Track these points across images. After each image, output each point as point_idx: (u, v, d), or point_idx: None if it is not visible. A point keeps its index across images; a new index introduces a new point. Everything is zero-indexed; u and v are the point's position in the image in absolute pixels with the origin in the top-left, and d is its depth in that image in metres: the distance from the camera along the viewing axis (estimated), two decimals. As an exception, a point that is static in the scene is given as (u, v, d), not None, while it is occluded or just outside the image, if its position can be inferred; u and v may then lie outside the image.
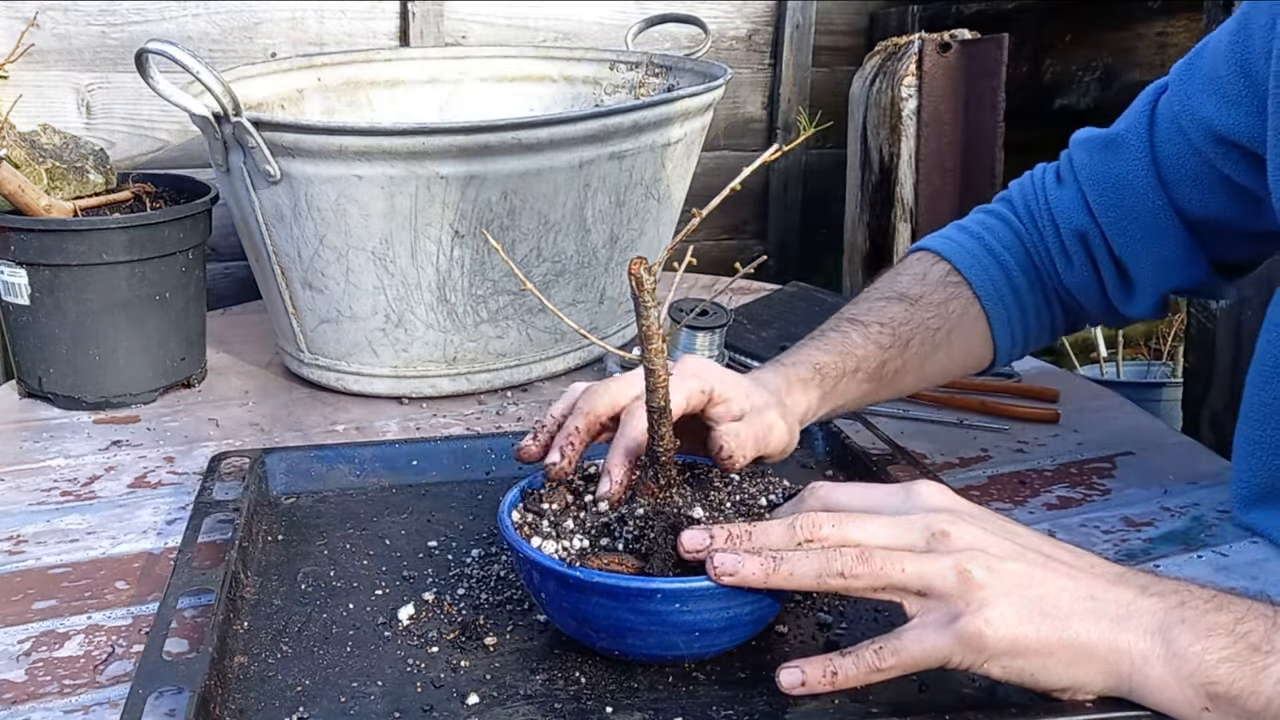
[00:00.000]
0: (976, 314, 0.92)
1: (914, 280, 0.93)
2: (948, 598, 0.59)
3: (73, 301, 1.06)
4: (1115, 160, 0.89)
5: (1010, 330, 0.93)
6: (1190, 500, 0.93)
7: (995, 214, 0.97)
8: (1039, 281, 0.94)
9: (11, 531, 0.87)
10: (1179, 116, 0.86)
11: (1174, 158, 0.86)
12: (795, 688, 0.61)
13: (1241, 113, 0.81)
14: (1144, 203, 0.88)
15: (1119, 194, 0.89)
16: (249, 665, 0.67)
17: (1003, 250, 0.94)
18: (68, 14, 1.48)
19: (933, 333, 0.90)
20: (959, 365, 0.94)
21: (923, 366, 0.90)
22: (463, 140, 1.01)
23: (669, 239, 1.28)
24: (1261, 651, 0.57)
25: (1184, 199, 0.87)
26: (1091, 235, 0.91)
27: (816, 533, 0.62)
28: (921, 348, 0.89)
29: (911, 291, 0.92)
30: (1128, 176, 0.88)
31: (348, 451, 0.92)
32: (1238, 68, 0.81)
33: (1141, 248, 0.89)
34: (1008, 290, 0.93)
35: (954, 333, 0.91)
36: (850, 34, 1.97)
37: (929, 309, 0.90)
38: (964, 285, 0.92)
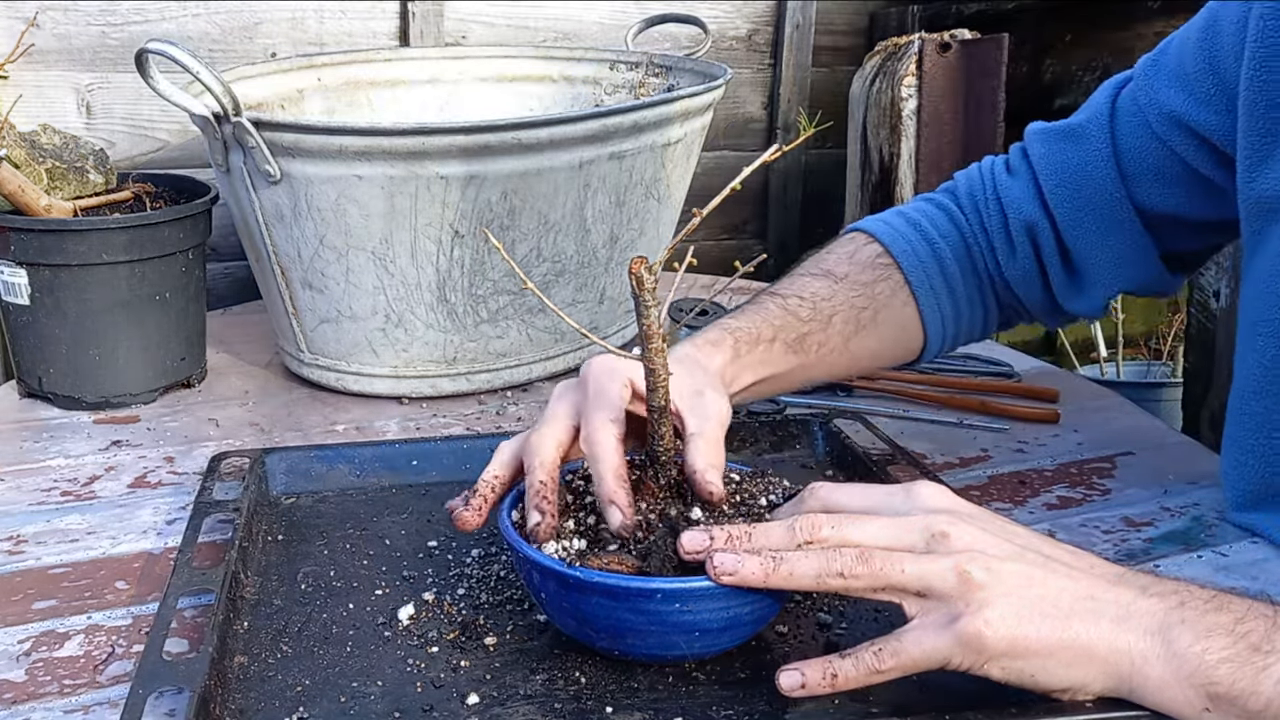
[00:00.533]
0: (905, 299, 0.90)
1: (841, 259, 0.91)
2: (947, 599, 0.59)
3: (73, 301, 1.06)
4: (1075, 151, 0.89)
5: (941, 318, 0.92)
6: (1190, 500, 0.93)
7: (936, 202, 0.96)
8: (974, 272, 0.93)
9: (11, 531, 0.87)
10: (1144, 109, 0.85)
11: (1136, 150, 0.86)
12: (795, 690, 0.61)
13: (1210, 111, 0.81)
14: (1102, 194, 0.87)
15: (1077, 185, 0.88)
16: (249, 665, 0.67)
17: (938, 238, 0.92)
18: (68, 14, 1.48)
19: (858, 312, 0.88)
20: (888, 349, 0.92)
21: (848, 346, 0.88)
22: (463, 140, 1.01)
23: (669, 239, 1.28)
24: (1262, 651, 0.57)
25: (1143, 192, 0.86)
26: (1040, 227, 0.90)
27: (816, 534, 0.62)
28: (846, 326, 0.87)
29: (837, 269, 0.90)
30: (1087, 168, 0.88)
31: (348, 451, 0.92)
32: (1206, 65, 0.81)
33: (1096, 240, 0.88)
34: (939, 278, 0.91)
35: (881, 314, 0.89)
36: (850, 34, 1.97)
37: (855, 288, 0.89)
38: (894, 268, 0.91)
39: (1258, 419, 0.81)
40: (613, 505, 0.66)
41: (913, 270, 0.91)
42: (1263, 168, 0.78)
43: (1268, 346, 0.80)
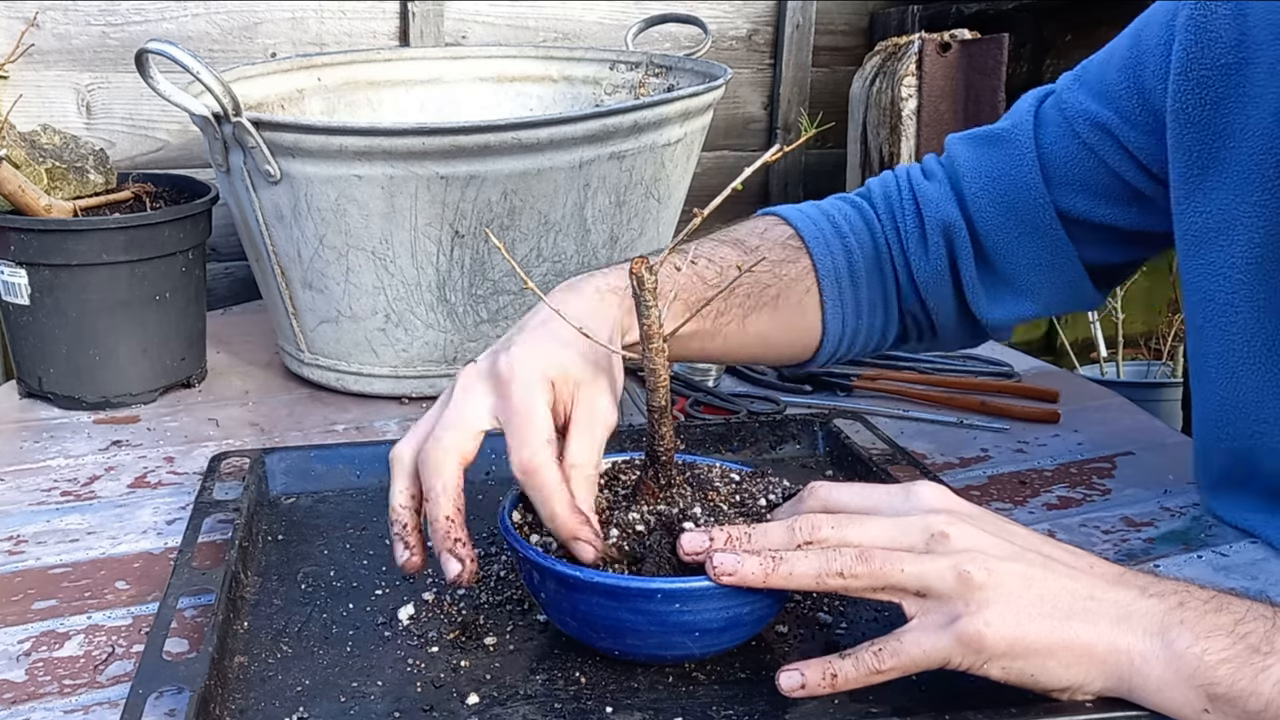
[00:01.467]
0: (809, 287, 0.88)
1: (752, 233, 0.88)
2: (947, 599, 0.59)
3: (73, 301, 1.06)
4: (999, 155, 0.88)
5: (842, 315, 0.89)
6: (1190, 500, 0.93)
7: (850, 202, 0.94)
8: (879, 275, 0.90)
9: (11, 531, 0.87)
10: (1070, 119, 0.85)
11: (1062, 157, 0.85)
12: (795, 690, 0.61)
13: (1139, 132, 0.81)
14: (1025, 199, 0.86)
15: (1000, 189, 0.87)
16: (249, 665, 0.67)
17: (850, 233, 0.90)
18: (68, 14, 1.48)
19: (762, 288, 0.85)
20: (782, 335, 0.88)
21: (745, 321, 0.84)
22: (463, 140, 1.01)
23: (669, 239, 1.28)
24: (1261, 652, 0.57)
25: (1068, 199, 0.85)
26: (956, 227, 0.88)
27: (816, 534, 0.62)
28: (747, 300, 0.83)
29: (748, 241, 0.87)
30: (1011, 172, 0.87)
31: (348, 451, 0.92)
32: (1132, 86, 0.81)
33: (1016, 245, 0.87)
34: (846, 272, 0.88)
35: (783, 297, 0.86)
36: (850, 34, 1.97)
37: (764, 264, 0.85)
38: (804, 254, 0.88)
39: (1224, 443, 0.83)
40: (578, 541, 0.63)
41: (822, 258, 0.88)
42: (1192, 199, 0.78)
43: (1220, 379, 0.80)
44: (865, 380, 1.18)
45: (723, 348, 0.85)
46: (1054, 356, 2.27)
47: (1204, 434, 0.85)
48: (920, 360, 1.23)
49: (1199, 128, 0.77)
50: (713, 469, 0.74)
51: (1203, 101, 0.76)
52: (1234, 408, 0.80)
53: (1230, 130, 0.76)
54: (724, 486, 0.71)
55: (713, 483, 0.72)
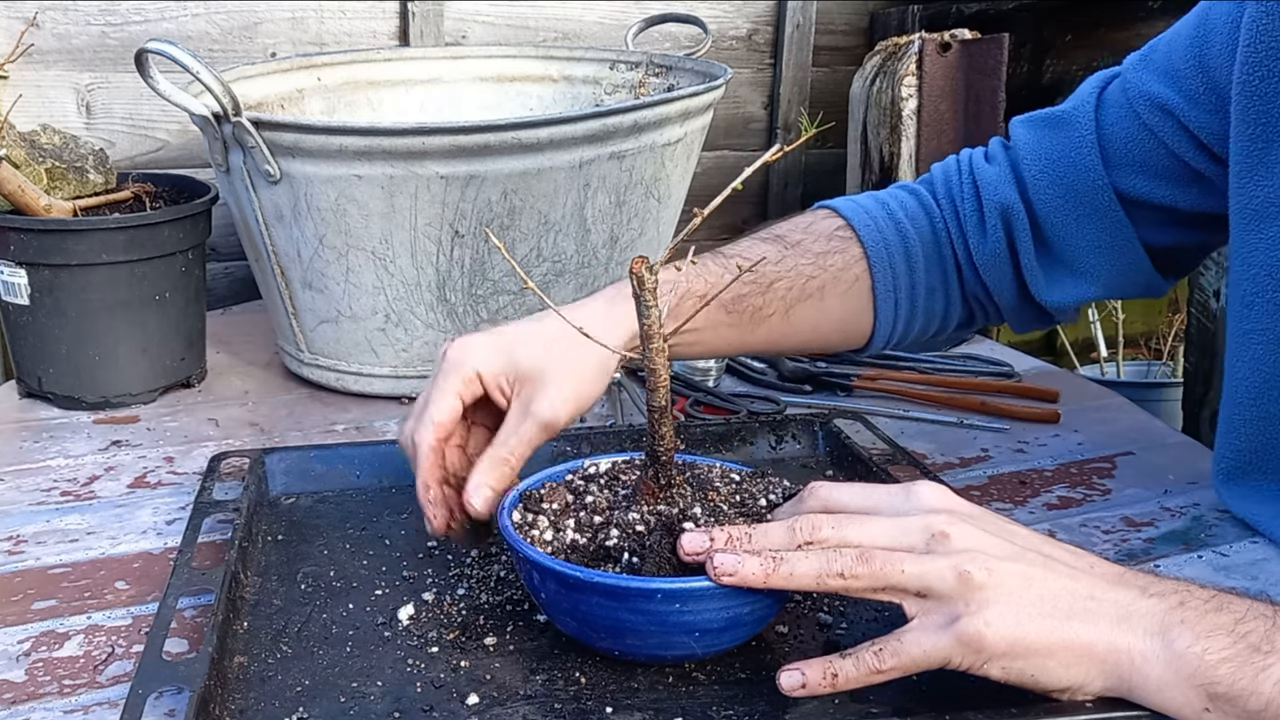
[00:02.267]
0: (859, 274, 0.88)
1: (796, 227, 0.89)
2: (947, 599, 0.59)
3: (73, 301, 1.06)
4: (1059, 136, 0.88)
5: (895, 301, 0.89)
6: (1190, 500, 0.93)
7: (909, 189, 0.95)
8: (939, 259, 0.90)
9: (11, 531, 0.87)
10: (1133, 100, 0.85)
11: (1122, 138, 0.85)
12: (795, 689, 0.61)
13: (1201, 110, 0.81)
14: (1084, 180, 0.86)
15: (1060, 170, 0.87)
16: (249, 665, 0.67)
17: (906, 219, 0.90)
18: (68, 14, 1.48)
19: (805, 280, 0.85)
20: (831, 324, 0.88)
21: (789, 314, 0.85)
22: (463, 140, 1.01)
23: (669, 239, 1.28)
24: (1261, 652, 0.57)
25: (1127, 180, 0.85)
26: (1014, 210, 0.88)
27: (816, 534, 0.62)
28: (789, 293, 0.84)
29: (790, 236, 0.88)
30: (1071, 154, 0.87)
31: (348, 451, 0.92)
32: (1197, 65, 0.81)
33: (1075, 227, 0.87)
34: (901, 258, 0.89)
35: (828, 287, 0.86)
36: (850, 34, 1.97)
37: (805, 256, 0.86)
38: (853, 241, 0.88)
39: (1253, 424, 0.82)
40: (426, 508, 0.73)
41: (873, 245, 0.88)
42: (1255, 173, 0.78)
43: (1265, 355, 0.80)
44: (865, 380, 1.18)
45: (767, 339, 0.86)
46: (1054, 356, 2.27)
47: (1232, 415, 0.84)
48: (920, 360, 1.23)
49: (1265, 101, 0.76)
50: (713, 469, 0.74)
51: (1269, 75, 0.76)
52: (1273, 385, 0.80)
53: None
54: (724, 486, 0.71)
55: (713, 483, 0.72)
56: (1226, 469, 0.87)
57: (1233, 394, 0.84)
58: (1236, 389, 0.83)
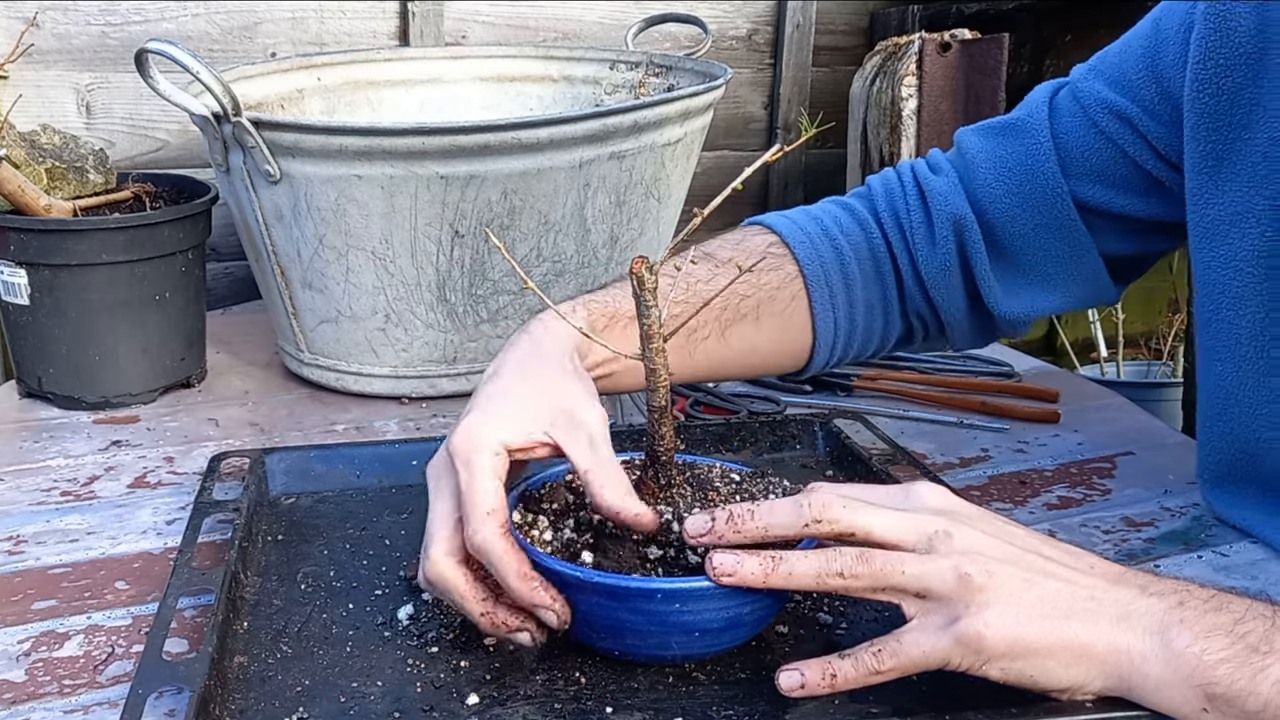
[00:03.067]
0: (795, 293, 0.86)
1: (727, 245, 0.87)
2: (946, 600, 0.59)
3: (73, 301, 1.06)
4: (1014, 144, 0.87)
5: (834, 320, 0.87)
6: (1190, 500, 0.93)
7: (841, 204, 0.92)
8: (877, 275, 0.89)
9: (11, 531, 0.87)
10: (1086, 107, 0.84)
11: (1079, 146, 0.84)
12: (794, 690, 0.61)
13: (1156, 121, 0.81)
14: (1042, 189, 0.85)
15: (1017, 179, 0.86)
16: (249, 665, 0.67)
17: (840, 235, 0.88)
18: (68, 14, 1.48)
19: (739, 299, 0.83)
20: (769, 344, 0.86)
21: (725, 335, 0.83)
22: (463, 140, 1.01)
23: (669, 239, 1.28)
24: (1260, 652, 0.57)
25: (1085, 189, 0.84)
26: (967, 222, 0.86)
27: (827, 513, 0.62)
28: (724, 313, 0.82)
29: (720, 254, 0.85)
30: (1027, 162, 0.86)
31: (348, 451, 0.92)
32: (1150, 74, 0.81)
33: (1034, 236, 0.86)
34: (838, 275, 0.87)
35: (764, 305, 0.84)
36: (850, 34, 1.97)
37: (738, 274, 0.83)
38: (788, 259, 0.87)
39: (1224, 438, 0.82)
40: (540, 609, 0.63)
41: (808, 262, 0.86)
42: (1206, 192, 0.78)
43: (1227, 372, 0.80)
44: (865, 380, 1.18)
45: (706, 363, 0.84)
46: (1054, 356, 2.27)
47: (1206, 429, 0.85)
48: (920, 360, 1.23)
49: (1215, 118, 0.76)
50: (713, 469, 0.74)
51: (1220, 91, 0.76)
52: (1237, 403, 0.80)
53: (1247, 122, 0.75)
54: (724, 486, 0.71)
55: (713, 483, 0.72)
56: (1210, 476, 0.87)
57: (1204, 408, 0.84)
58: (1206, 403, 0.84)
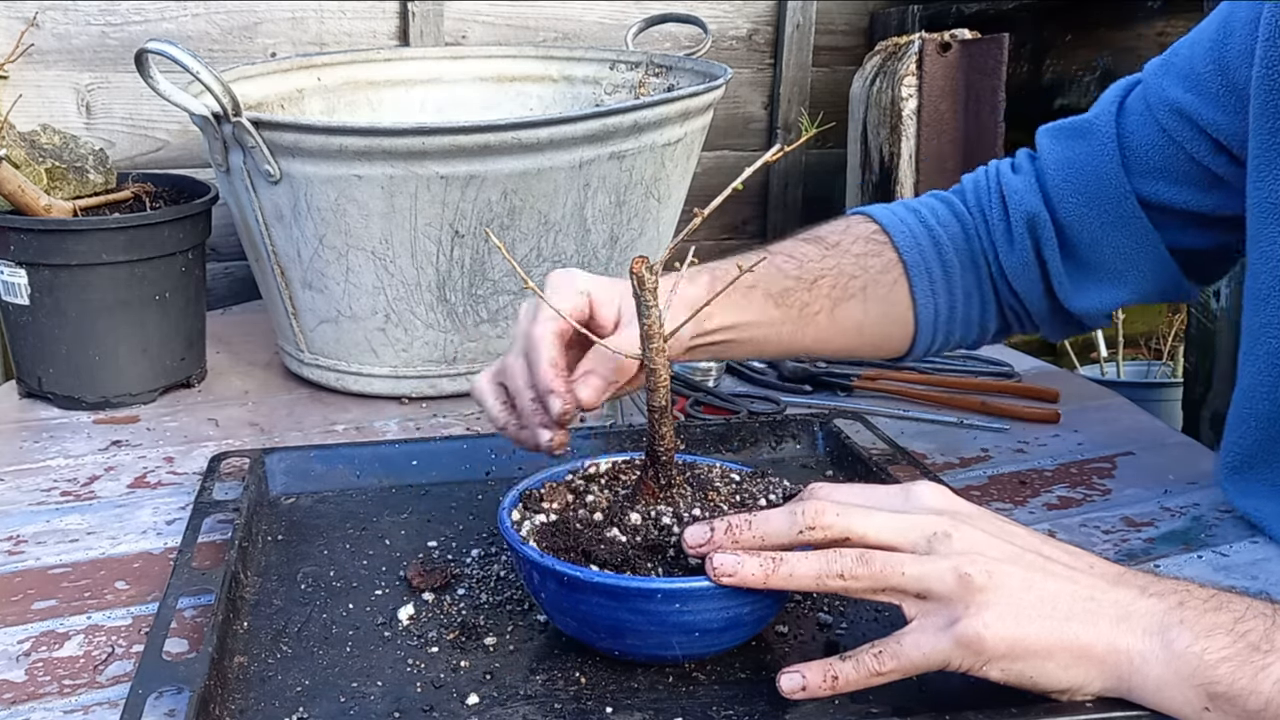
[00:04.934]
0: (897, 277, 0.89)
1: (834, 230, 0.91)
2: (947, 601, 0.59)
3: (73, 301, 1.06)
4: (1082, 146, 0.89)
5: (934, 305, 0.90)
6: (1190, 500, 0.93)
7: (939, 197, 0.96)
8: (973, 264, 0.92)
9: (11, 531, 0.87)
10: (1153, 107, 0.86)
11: (1142, 145, 0.86)
12: (796, 692, 0.61)
13: (1220, 111, 0.82)
14: (1107, 189, 0.87)
15: (1083, 180, 0.88)
16: (249, 665, 0.67)
17: (937, 224, 0.92)
18: (68, 14, 1.48)
19: (847, 279, 0.87)
20: (874, 325, 0.90)
21: (834, 313, 0.86)
22: (463, 140, 1.01)
23: (669, 239, 1.28)
24: (1261, 651, 0.57)
25: (1148, 186, 0.86)
26: (1040, 219, 0.89)
27: (820, 519, 0.62)
28: (833, 290, 0.86)
29: (829, 238, 0.89)
30: (1093, 163, 0.88)
31: (348, 451, 0.92)
32: (1216, 66, 0.82)
33: (1100, 235, 0.88)
34: (936, 262, 0.90)
35: (870, 288, 0.88)
36: (850, 34, 1.97)
37: (845, 256, 0.88)
38: (889, 247, 0.90)
39: (1263, 418, 0.82)
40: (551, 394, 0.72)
41: (908, 250, 0.90)
42: (1271, 168, 0.78)
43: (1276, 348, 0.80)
44: (865, 380, 1.18)
45: (815, 337, 0.87)
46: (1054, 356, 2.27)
47: (1242, 408, 0.85)
48: (920, 360, 1.23)
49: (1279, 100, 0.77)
50: (713, 469, 0.74)
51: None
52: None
53: None
54: (724, 486, 0.72)
55: (713, 483, 0.72)
56: (1232, 463, 0.87)
57: (1245, 387, 0.84)
58: (1249, 383, 0.84)
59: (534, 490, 0.72)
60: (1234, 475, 0.87)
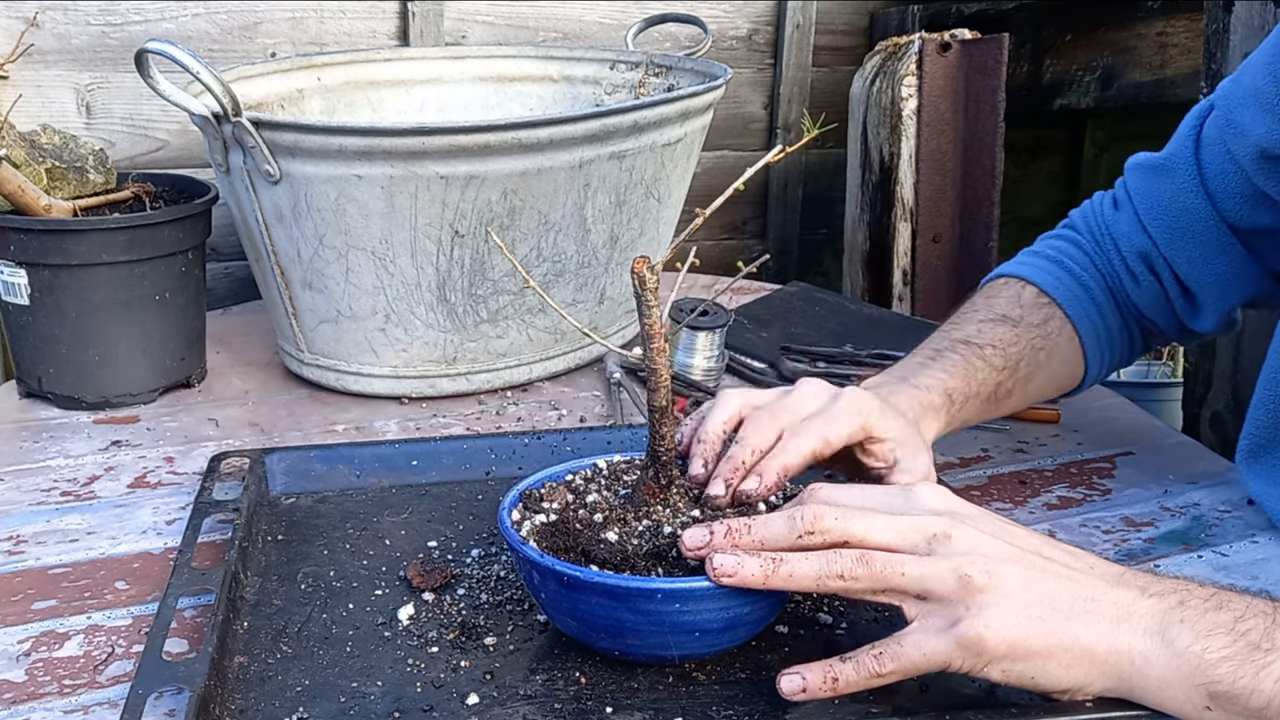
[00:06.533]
0: (1070, 334, 0.93)
1: (1010, 303, 0.94)
2: (947, 602, 0.59)
3: (73, 301, 1.06)
4: (1166, 184, 0.91)
5: (1100, 349, 0.94)
6: (1190, 500, 0.93)
7: (1064, 238, 0.98)
8: (1113, 300, 0.95)
9: (11, 531, 0.87)
10: (1226, 138, 0.87)
11: (1221, 177, 0.88)
12: (796, 694, 0.61)
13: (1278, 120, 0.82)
14: (1198, 222, 0.89)
15: (1173, 216, 0.90)
16: (249, 665, 0.67)
17: (1080, 270, 0.95)
18: (68, 14, 1.48)
19: (1036, 353, 0.90)
20: (1054, 385, 0.94)
21: (1026, 387, 0.90)
22: (463, 140, 1.01)
23: (669, 239, 1.28)
24: (1261, 649, 0.57)
25: (1235, 213, 0.87)
26: (1153, 254, 0.92)
27: (819, 524, 0.62)
28: (1028, 369, 0.90)
29: (1012, 314, 0.92)
30: (1180, 199, 0.90)
31: (348, 451, 0.92)
32: (1273, 77, 0.82)
33: (1200, 265, 0.90)
34: (1093, 309, 0.93)
35: (1054, 353, 0.91)
36: (850, 34, 1.97)
37: (1031, 330, 0.91)
38: (1054, 306, 0.93)
39: None
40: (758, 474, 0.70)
41: (1072, 305, 0.93)
42: None
43: None
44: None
45: (1006, 411, 0.93)
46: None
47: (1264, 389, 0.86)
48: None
49: None
50: (713, 469, 0.74)
51: None
52: None
53: None
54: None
55: (713, 483, 0.72)
56: (1250, 445, 0.88)
57: (1268, 372, 0.85)
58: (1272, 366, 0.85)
59: (534, 490, 0.72)
60: (1250, 459, 0.88)
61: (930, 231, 1.75)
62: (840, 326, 1.33)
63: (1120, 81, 1.96)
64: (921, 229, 1.75)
